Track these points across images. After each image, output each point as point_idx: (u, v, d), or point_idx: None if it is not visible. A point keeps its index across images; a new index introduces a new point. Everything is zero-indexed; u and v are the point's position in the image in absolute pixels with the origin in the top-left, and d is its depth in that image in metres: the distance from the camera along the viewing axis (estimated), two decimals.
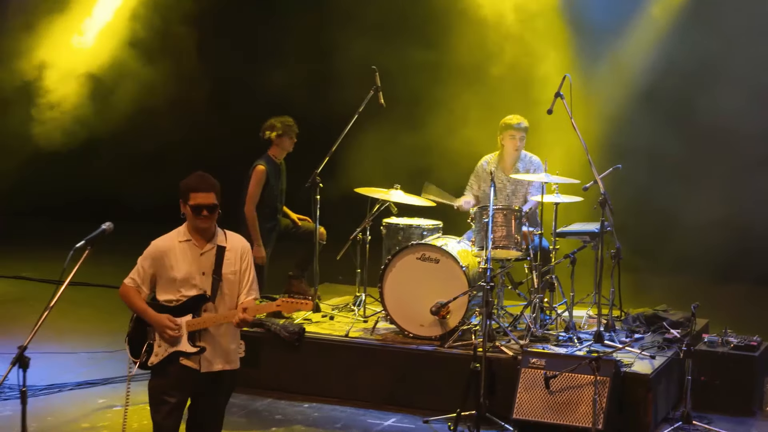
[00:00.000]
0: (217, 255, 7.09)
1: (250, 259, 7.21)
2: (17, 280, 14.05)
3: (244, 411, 9.71)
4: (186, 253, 7.09)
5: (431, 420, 9.40)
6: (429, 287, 9.98)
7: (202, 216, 7.02)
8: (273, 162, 10.99)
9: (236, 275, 7.11)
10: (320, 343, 10.21)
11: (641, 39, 12.60)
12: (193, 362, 7.03)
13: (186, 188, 7.06)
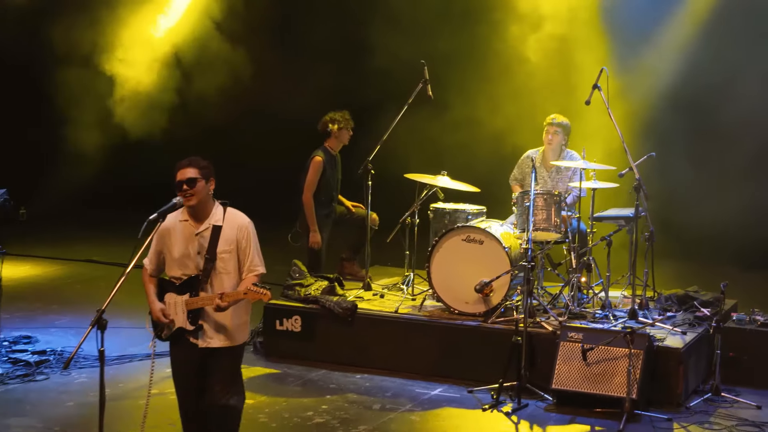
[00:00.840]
0: (212, 234, 7.15)
1: (249, 236, 7.22)
2: (88, 263, 14.46)
3: (300, 381, 9.99)
4: (183, 232, 7.20)
5: (475, 390, 9.63)
6: (473, 267, 10.20)
7: (183, 190, 7.08)
8: (330, 153, 11.29)
9: (232, 254, 7.15)
10: (371, 318, 10.45)
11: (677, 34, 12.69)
12: (194, 338, 7.24)
13: (176, 168, 7.18)
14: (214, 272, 7.15)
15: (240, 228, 7.21)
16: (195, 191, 7.11)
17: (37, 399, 9.34)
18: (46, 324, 11.56)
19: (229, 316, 7.21)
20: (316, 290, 10.67)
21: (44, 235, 15.33)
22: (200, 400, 7.32)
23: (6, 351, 10.40)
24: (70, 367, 10.10)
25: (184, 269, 7.20)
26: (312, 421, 8.97)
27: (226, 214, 7.24)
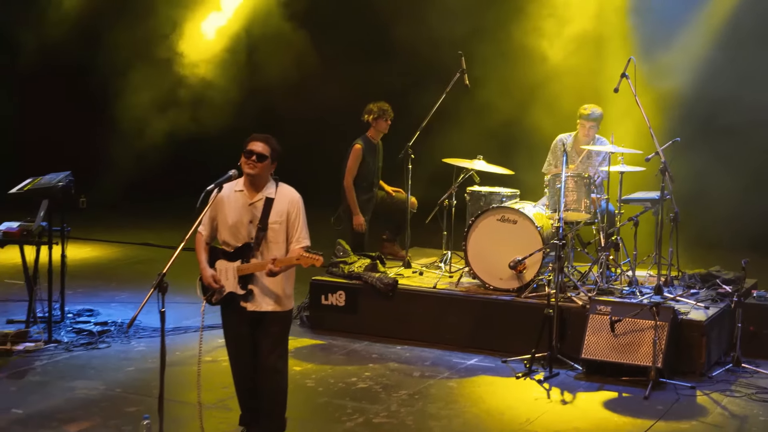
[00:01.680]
0: (265, 205, 7.39)
1: (298, 210, 7.44)
2: (144, 246, 14.75)
3: (344, 351, 10.24)
4: (238, 201, 7.44)
5: (509, 360, 9.85)
6: (507, 245, 10.39)
7: (251, 161, 7.33)
8: (370, 142, 11.53)
9: (282, 225, 7.38)
10: (411, 293, 10.67)
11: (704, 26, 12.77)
12: (244, 302, 7.50)
13: (249, 139, 7.44)
14: (264, 241, 7.39)
15: (291, 202, 7.46)
16: (259, 166, 7.38)
17: (99, 364, 9.62)
18: (106, 299, 11.84)
19: (277, 282, 7.44)
20: (359, 267, 10.91)
21: (103, 221, 15.56)
22: (251, 362, 7.57)
23: (71, 322, 10.72)
24: (130, 335, 10.41)
25: (236, 237, 7.45)
26: (356, 386, 9.20)
27: (279, 188, 7.49)
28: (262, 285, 7.43)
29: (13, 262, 12.90)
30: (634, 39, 11.91)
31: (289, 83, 15.50)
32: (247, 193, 7.48)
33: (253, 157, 7.37)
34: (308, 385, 9.22)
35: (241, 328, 7.53)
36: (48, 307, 10.33)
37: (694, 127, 12.74)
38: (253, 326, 7.51)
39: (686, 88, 12.97)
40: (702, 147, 12.96)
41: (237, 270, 7.44)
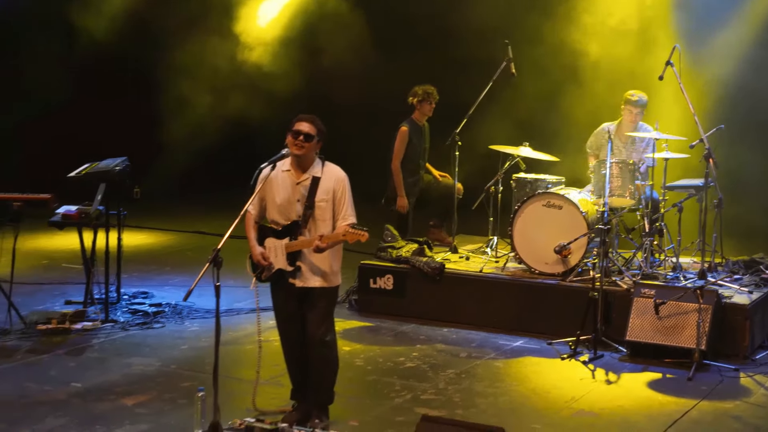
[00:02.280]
0: (311, 184, 7.48)
1: (344, 188, 7.51)
2: (197, 234, 14.89)
3: (392, 332, 10.31)
4: (285, 181, 7.54)
5: (554, 342, 9.86)
6: (553, 230, 10.42)
7: (298, 141, 7.42)
8: (415, 124, 11.58)
9: (328, 203, 7.46)
10: (458, 277, 10.71)
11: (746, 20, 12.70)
12: (292, 279, 7.59)
13: (295, 119, 7.53)
14: (312, 219, 7.47)
15: (337, 180, 7.54)
16: (307, 146, 7.46)
17: (155, 342, 9.76)
18: (160, 283, 11.99)
19: (324, 259, 7.52)
20: (407, 252, 10.96)
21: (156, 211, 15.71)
22: (300, 337, 7.66)
23: (126, 303, 10.86)
24: (183, 316, 10.56)
25: (284, 215, 7.54)
26: (404, 365, 9.26)
27: (325, 167, 7.58)
28: (310, 262, 7.51)
29: (71, 248, 13.08)
30: (677, 30, 11.84)
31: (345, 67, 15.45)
32: (294, 172, 7.57)
33: (300, 137, 7.45)
34: (357, 363, 9.30)
35: (290, 304, 7.62)
36: (105, 288, 10.47)
37: (736, 116, 12.64)
38: (301, 302, 7.59)
39: (728, 78, 12.87)
40: (745, 136, 12.87)
41: (285, 247, 7.53)
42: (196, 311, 10.78)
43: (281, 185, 7.55)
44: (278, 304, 7.73)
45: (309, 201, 7.47)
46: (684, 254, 10.94)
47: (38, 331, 9.86)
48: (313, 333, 7.58)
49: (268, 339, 9.56)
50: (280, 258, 7.55)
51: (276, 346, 9.04)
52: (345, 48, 15.04)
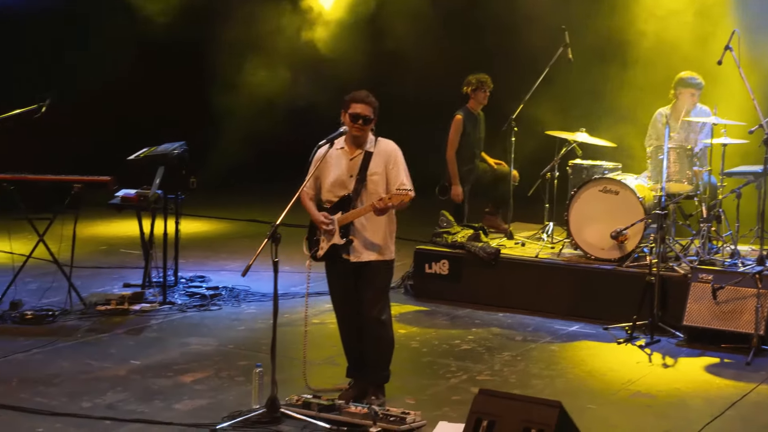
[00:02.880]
0: (364, 159, 7.54)
1: (396, 159, 7.57)
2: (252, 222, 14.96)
3: (447, 317, 10.33)
4: (339, 158, 7.60)
5: (610, 327, 9.82)
6: (609, 216, 10.35)
7: (357, 125, 7.49)
8: (470, 113, 11.58)
9: (381, 176, 7.50)
10: (513, 262, 10.71)
11: None
12: (346, 253, 7.61)
13: (350, 98, 7.56)
14: (365, 192, 7.53)
15: (388, 153, 7.60)
16: (366, 128, 7.56)
17: (212, 324, 9.87)
18: (216, 268, 12.08)
19: (377, 232, 7.57)
20: (462, 237, 10.98)
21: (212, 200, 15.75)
22: (356, 314, 7.70)
23: (183, 287, 10.98)
24: (240, 299, 10.65)
25: (337, 191, 7.60)
26: (459, 347, 9.29)
27: (377, 142, 7.64)
28: (363, 236, 7.56)
29: (129, 233, 13.27)
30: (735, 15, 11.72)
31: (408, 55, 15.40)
32: (348, 149, 7.64)
33: (359, 122, 7.53)
34: (412, 345, 9.34)
35: (345, 280, 7.67)
36: (163, 271, 10.59)
37: None
38: (356, 278, 7.63)
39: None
40: None
41: (337, 221, 7.57)
42: (252, 294, 10.87)
43: (335, 162, 7.62)
44: (333, 282, 7.79)
45: (361, 175, 7.54)
46: (742, 242, 10.83)
47: (97, 312, 10.00)
48: (369, 312, 7.61)
49: (324, 321, 9.77)
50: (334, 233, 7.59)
51: (332, 329, 9.11)
52: (408, 34, 14.97)
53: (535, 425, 6.06)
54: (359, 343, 7.78)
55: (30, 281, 10.81)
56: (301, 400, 7.49)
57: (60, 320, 9.72)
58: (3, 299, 10.03)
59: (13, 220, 10.45)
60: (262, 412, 7.28)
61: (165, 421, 7.31)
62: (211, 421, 7.23)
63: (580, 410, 7.45)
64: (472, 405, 6.35)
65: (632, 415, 7.71)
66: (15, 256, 10.34)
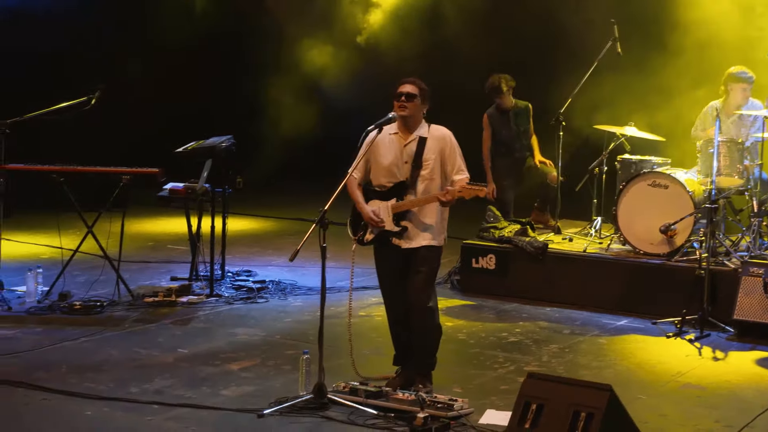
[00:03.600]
0: (418, 145, 7.52)
1: (452, 144, 7.55)
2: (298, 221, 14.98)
3: (494, 311, 10.29)
4: (393, 143, 7.59)
5: (659, 322, 9.73)
6: (658, 210, 10.26)
7: (400, 102, 7.50)
8: (499, 109, 11.49)
9: (436, 162, 7.48)
10: (561, 256, 10.65)
11: None
12: (398, 240, 7.58)
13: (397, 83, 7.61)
14: (419, 178, 7.51)
15: (443, 138, 7.58)
16: (409, 105, 7.52)
17: (259, 315, 9.89)
18: (263, 263, 12.11)
19: (431, 219, 7.54)
20: (510, 232, 10.93)
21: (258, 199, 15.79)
22: (403, 300, 7.66)
23: (230, 280, 11.01)
24: (287, 293, 10.69)
25: (391, 177, 7.58)
26: (507, 340, 9.26)
27: (431, 127, 7.64)
28: (416, 222, 7.54)
29: (175, 231, 13.36)
30: None
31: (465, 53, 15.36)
32: (401, 135, 7.62)
33: (402, 98, 7.52)
34: (459, 337, 9.31)
35: (394, 266, 7.65)
36: (210, 264, 10.62)
37: None
38: (406, 264, 7.60)
39: None
40: None
41: (392, 208, 7.55)
42: (298, 288, 10.89)
43: (388, 147, 7.60)
44: (382, 267, 7.77)
45: (416, 161, 7.52)
46: None
47: (145, 304, 10.05)
48: (417, 298, 7.59)
49: (370, 314, 9.81)
50: (386, 219, 7.58)
51: (378, 321, 9.17)
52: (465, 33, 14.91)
53: (584, 408, 6.02)
54: (406, 330, 7.75)
55: (78, 274, 10.89)
56: (348, 386, 7.48)
57: (108, 311, 9.78)
58: (52, 291, 10.11)
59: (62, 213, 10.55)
60: (309, 398, 7.28)
61: (212, 405, 7.32)
62: (258, 406, 7.24)
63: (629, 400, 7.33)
64: (520, 389, 6.33)
65: (682, 406, 7.63)
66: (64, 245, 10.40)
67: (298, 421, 7.07)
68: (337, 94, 16.10)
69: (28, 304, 9.84)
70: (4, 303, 9.78)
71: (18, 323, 9.31)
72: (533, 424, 6.10)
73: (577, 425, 5.98)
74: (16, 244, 12.21)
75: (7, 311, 9.66)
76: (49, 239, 12.09)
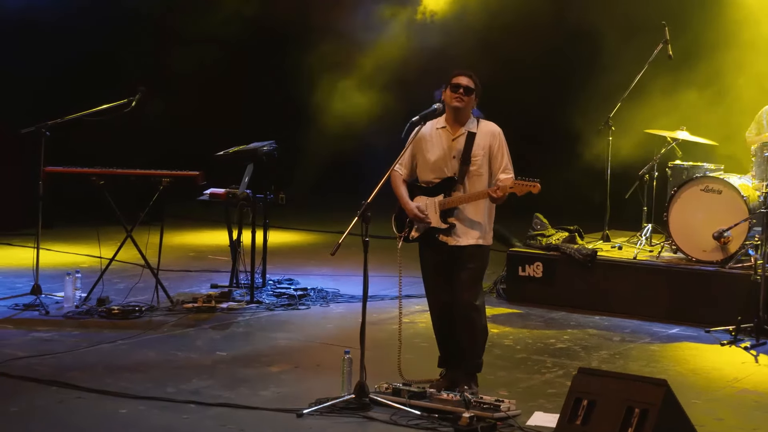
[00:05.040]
0: (467, 140, 7.29)
1: (501, 142, 7.33)
2: (340, 234, 14.70)
3: (542, 319, 10.06)
4: (440, 138, 7.36)
5: (713, 330, 9.44)
6: (711, 216, 10.01)
7: (458, 94, 7.26)
8: None
9: (484, 158, 7.26)
10: (611, 264, 10.42)
11: None
12: (445, 237, 7.35)
13: (453, 74, 7.37)
14: (467, 175, 7.29)
15: (492, 135, 7.37)
16: (467, 99, 7.32)
17: (299, 321, 9.72)
18: (305, 273, 11.92)
19: (479, 216, 7.33)
20: (557, 240, 10.74)
21: (300, 213, 15.63)
22: (449, 299, 7.43)
23: (271, 288, 10.82)
24: (329, 299, 10.52)
25: (438, 173, 7.36)
26: (555, 346, 9.04)
27: (480, 123, 7.42)
28: (464, 219, 7.32)
29: (216, 242, 13.22)
30: None
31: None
32: (450, 129, 7.40)
33: (460, 90, 7.30)
34: (506, 343, 9.10)
35: (441, 264, 7.42)
36: (251, 269, 10.45)
37: None
38: (452, 262, 7.37)
39: None
40: None
41: (439, 204, 7.34)
42: (341, 296, 10.72)
43: (436, 142, 7.39)
44: (427, 265, 7.54)
45: (465, 157, 7.30)
46: None
47: (184, 309, 9.90)
48: (463, 296, 7.36)
49: (414, 321, 9.61)
50: (433, 215, 7.37)
51: (422, 327, 8.96)
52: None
53: (638, 404, 5.76)
54: (452, 331, 7.51)
55: (118, 281, 10.81)
56: (390, 387, 7.26)
57: (147, 316, 9.65)
58: (90, 296, 9.99)
59: (102, 221, 10.56)
60: (349, 398, 7.07)
61: (251, 405, 7.13)
62: (298, 407, 7.04)
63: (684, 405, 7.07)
64: (571, 384, 6.08)
65: (739, 410, 7.37)
66: (103, 255, 10.27)
67: (338, 422, 6.86)
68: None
69: (66, 309, 9.72)
70: (41, 307, 9.67)
71: (55, 326, 9.19)
72: (584, 420, 5.85)
73: (631, 422, 5.72)
74: (55, 253, 12.12)
75: (45, 315, 9.54)
76: (88, 249, 11.96)
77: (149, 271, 10.12)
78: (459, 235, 7.33)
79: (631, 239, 11.23)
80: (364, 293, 7.17)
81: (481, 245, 7.36)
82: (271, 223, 10.92)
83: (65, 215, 13.44)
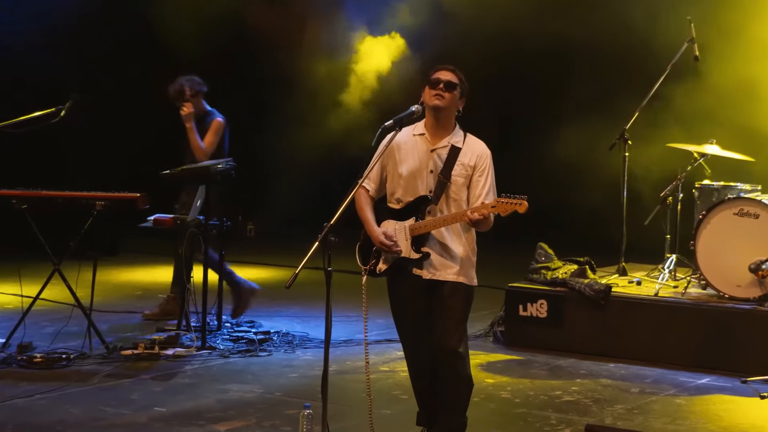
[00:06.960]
0: (450, 154, 6.77)
1: (487, 164, 6.81)
2: (315, 270, 14.24)
3: (546, 366, 9.68)
4: (417, 146, 6.84)
5: (750, 380, 9.01)
6: (747, 244, 9.65)
7: (438, 89, 6.74)
8: None
9: (466, 179, 6.77)
10: (627, 301, 10.05)
11: None
12: (418, 269, 6.80)
13: (432, 70, 6.87)
14: (444, 196, 6.76)
15: (480, 154, 6.83)
16: (448, 96, 6.76)
17: (258, 370, 9.32)
18: (271, 313, 11.55)
19: (459, 246, 6.81)
20: (564, 273, 10.44)
21: (270, 248, 15.29)
22: (427, 345, 6.91)
23: (228, 331, 10.40)
24: (295, 345, 10.15)
25: (410, 190, 6.82)
26: (561, 399, 8.61)
27: (467, 138, 6.89)
28: (441, 248, 6.78)
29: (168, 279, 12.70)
30: None
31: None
32: (430, 137, 6.86)
33: (440, 86, 6.75)
34: (502, 395, 8.68)
35: (415, 302, 6.87)
36: (203, 311, 9.98)
37: None
38: (429, 300, 6.85)
39: None
40: None
41: (410, 229, 6.78)
42: (309, 340, 10.37)
43: (410, 152, 6.85)
44: (399, 302, 6.99)
45: (444, 173, 6.75)
46: None
47: (122, 357, 9.44)
48: (444, 341, 6.82)
49: (394, 369, 9.30)
50: (403, 243, 6.80)
51: (403, 377, 8.62)
52: None
53: None
54: (431, 382, 6.98)
55: (46, 324, 10.43)
56: None
57: (76, 365, 9.20)
58: (9, 342, 9.55)
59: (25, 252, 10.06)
60: None
61: None
62: None
63: None
64: None
65: None
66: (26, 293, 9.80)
67: None
68: None
69: None
70: None
71: None
72: None
73: None
74: None
75: None
76: (7, 286, 11.54)
77: (81, 311, 9.61)
78: (436, 268, 6.79)
79: (651, 273, 10.87)
80: (327, 333, 6.62)
81: (462, 284, 6.82)
82: (238, 257, 10.55)
83: None
